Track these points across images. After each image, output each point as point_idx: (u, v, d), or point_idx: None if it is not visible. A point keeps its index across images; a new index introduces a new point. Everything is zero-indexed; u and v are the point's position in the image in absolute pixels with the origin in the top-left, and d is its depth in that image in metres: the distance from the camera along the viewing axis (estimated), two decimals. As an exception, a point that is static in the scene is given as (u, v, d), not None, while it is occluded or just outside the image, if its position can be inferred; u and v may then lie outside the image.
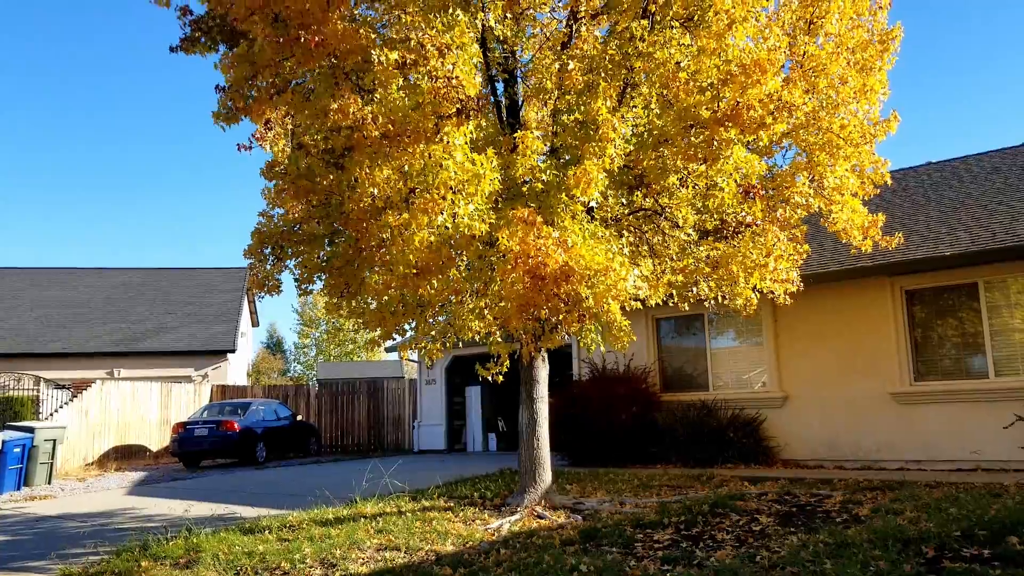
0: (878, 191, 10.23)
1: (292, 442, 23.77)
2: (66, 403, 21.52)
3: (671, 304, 10.12)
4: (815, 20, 9.45)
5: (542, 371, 10.18)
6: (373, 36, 7.45)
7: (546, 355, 10.16)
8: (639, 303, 8.64)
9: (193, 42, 8.42)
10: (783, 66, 8.76)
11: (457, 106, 6.58)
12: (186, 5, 8.35)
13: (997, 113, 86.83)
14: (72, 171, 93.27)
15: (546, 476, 10.10)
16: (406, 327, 9.19)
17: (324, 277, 8.84)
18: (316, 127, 7.78)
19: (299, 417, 24.94)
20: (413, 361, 25.83)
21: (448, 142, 6.69)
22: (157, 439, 24.34)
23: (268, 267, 9.09)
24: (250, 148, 8.48)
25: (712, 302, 9.60)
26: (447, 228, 6.89)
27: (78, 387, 22.65)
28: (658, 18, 8.38)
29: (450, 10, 7.33)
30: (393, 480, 12.46)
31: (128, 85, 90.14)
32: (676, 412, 15.04)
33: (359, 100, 6.90)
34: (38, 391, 22.48)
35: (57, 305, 32.18)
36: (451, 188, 6.74)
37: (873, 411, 13.61)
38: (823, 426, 14.13)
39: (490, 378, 8.83)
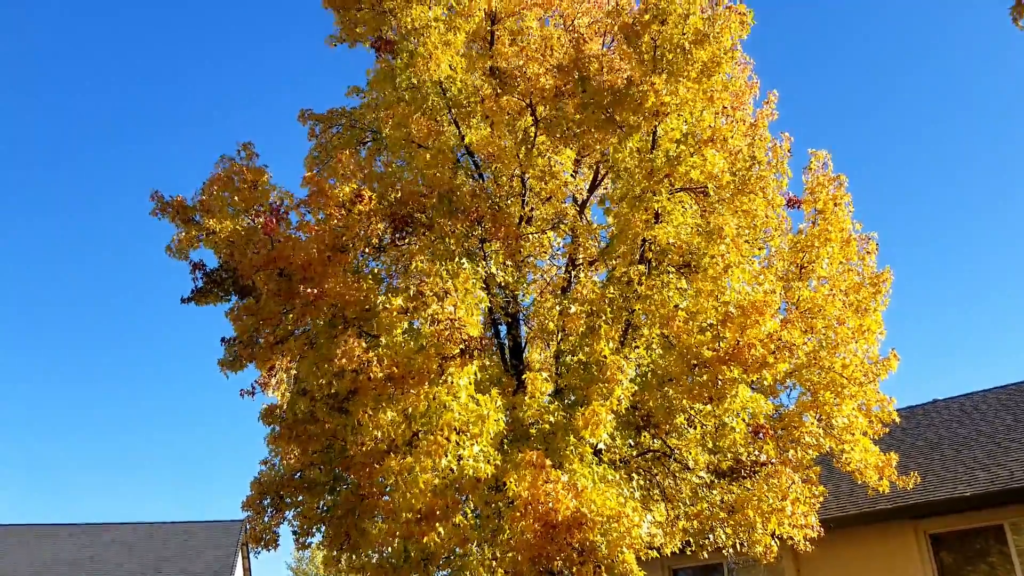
0: (887, 429, 10.08)
1: None
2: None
3: (688, 552, 9.60)
4: (806, 265, 9.82)
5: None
6: (376, 285, 7.71)
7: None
8: (655, 551, 8.20)
9: (205, 294, 8.74)
10: (780, 307, 8.98)
11: (461, 346, 6.66)
12: (200, 260, 8.78)
13: (999, 348, 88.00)
14: (64, 421, 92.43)
15: None
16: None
17: (324, 528, 8.46)
18: (320, 372, 7.83)
19: None
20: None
21: (452, 383, 6.70)
22: None
23: (266, 519, 8.76)
24: (253, 394, 8.51)
25: (730, 550, 9.11)
26: (452, 471, 6.69)
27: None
28: (655, 264, 8.69)
29: (456, 259, 7.64)
30: None
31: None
32: None
33: (363, 344, 7.00)
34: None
35: (39, 566, 30.57)
36: (455, 429, 6.63)
37: (914, 672, 12.46)
38: None
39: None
